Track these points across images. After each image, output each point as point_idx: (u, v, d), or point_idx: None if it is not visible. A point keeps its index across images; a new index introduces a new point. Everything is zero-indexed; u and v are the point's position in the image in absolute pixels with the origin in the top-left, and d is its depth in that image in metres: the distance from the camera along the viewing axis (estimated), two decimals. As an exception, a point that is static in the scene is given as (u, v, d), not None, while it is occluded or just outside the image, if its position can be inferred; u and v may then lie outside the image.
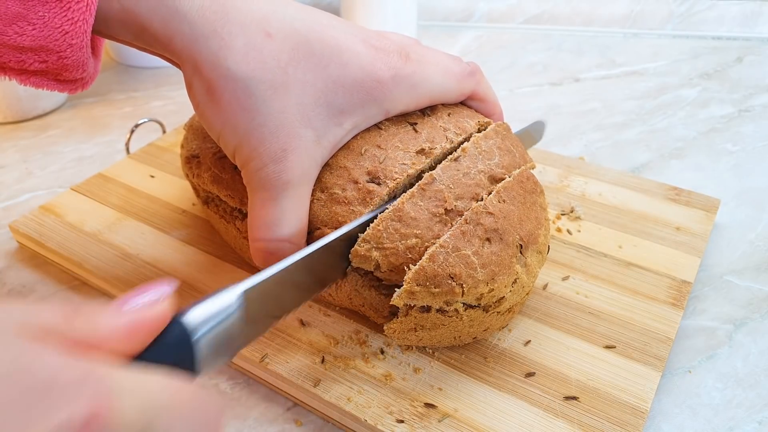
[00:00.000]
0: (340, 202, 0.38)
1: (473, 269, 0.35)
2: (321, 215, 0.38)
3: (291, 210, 0.35)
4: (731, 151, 0.65)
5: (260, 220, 0.35)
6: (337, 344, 0.41)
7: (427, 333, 0.38)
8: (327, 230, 0.38)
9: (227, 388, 0.41)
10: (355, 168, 0.39)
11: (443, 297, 0.35)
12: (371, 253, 0.36)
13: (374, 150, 0.39)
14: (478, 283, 0.35)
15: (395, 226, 0.36)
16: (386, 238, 0.36)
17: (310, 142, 0.36)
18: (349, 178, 0.38)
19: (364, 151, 0.39)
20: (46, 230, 0.51)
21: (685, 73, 0.80)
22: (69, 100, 0.78)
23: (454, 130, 0.42)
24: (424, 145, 0.40)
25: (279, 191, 0.35)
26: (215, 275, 0.46)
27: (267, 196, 0.35)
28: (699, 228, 0.50)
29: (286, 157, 0.35)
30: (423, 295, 0.35)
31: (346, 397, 0.37)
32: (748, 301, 0.47)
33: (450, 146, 0.41)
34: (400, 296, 0.35)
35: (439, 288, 0.35)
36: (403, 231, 0.36)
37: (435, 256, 0.35)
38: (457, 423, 0.36)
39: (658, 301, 0.44)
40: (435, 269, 0.35)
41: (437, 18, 0.96)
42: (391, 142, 0.40)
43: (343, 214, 0.38)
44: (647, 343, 0.41)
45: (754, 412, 0.39)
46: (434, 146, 0.40)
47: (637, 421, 0.36)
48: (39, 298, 0.48)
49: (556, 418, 0.36)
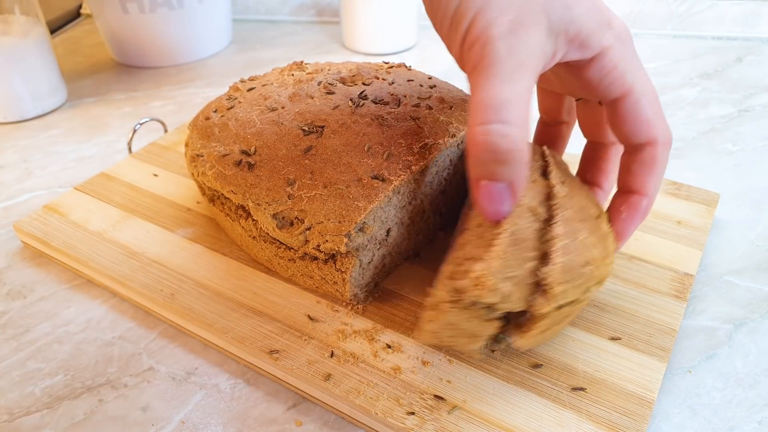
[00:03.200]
0: (343, 197, 0.39)
1: (595, 248, 0.36)
2: (324, 210, 0.39)
3: (522, 96, 0.31)
4: (731, 151, 0.65)
5: (489, 97, 0.31)
6: (345, 339, 0.41)
7: (550, 331, 0.37)
8: (330, 224, 0.38)
9: (227, 388, 0.41)
10: (359, 165, 0.39)
11: (585, 285, 0.35)
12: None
13: (378, 147, 0.40)
14: (601, 261, 0.36)
15: None
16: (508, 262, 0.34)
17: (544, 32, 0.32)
18: (354, 174, 0.39)
19: (367, 149, 0.40)
20: (50, 229, 0.51)
21: (685, 73, 0.80)
22: (69, 100, 0.78)
23: (456, 123, 0.43)
24: (426, 140, 0.41)
25: (512, 70, 0.31)
26: (222, 273, 0.47)
27: (498, 71, 0.31)
28: (700, 222, 0.51)
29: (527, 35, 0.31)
30: (570, 291, 0.34)
31: (356, 391, 0.38)
32: (748, 301, 0.47)
33: (453, 141, 0.41)
34: (548, 302, 0.34)
35: (582, 278, 0.35)
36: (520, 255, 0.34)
37: (566, 249, 0.34)
38: (466, 414, 0.36)
39: (661, 293, 0.44)
40: (571, 262, 0.34)
41: (436, 19, 0.96)
42: (394, 139, 0.40)
43: (347, 209, 0.38)
44: (652, 334, 0.41)
45: (754, 412, 0.39)
46: (437, 141, 0.41)
47: (644, 410, 0.36)
48: (39, 297, 0.48)
49: (564, 408, 0.37)
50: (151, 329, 0.46)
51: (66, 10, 1.01)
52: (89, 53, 0.93)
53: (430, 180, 0.45)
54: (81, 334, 0.45)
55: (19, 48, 0.69)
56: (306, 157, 0.41)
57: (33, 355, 0.44)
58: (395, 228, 0.43)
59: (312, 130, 0.42)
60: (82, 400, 0.41)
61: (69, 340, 0.45)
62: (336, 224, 0.39)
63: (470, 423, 0.36)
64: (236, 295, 0.45)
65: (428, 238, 0.49)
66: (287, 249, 0.43)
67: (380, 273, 0.45)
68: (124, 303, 0.48)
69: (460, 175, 0.48)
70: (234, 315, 0.43)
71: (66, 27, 1.00)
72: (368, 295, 0.44)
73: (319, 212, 0.39)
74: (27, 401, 0.41)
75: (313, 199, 0.39)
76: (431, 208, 0.47)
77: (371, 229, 0.40)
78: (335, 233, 0.39)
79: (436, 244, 0.50)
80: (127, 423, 0.39)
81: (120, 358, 0.43)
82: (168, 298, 0.44)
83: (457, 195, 0.50)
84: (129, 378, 0.42)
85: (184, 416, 0.39)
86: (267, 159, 0.42)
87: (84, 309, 0.47)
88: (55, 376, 0.42)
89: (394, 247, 0.45)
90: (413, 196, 0.44)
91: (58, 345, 0.44)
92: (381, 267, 0.45)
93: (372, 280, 0.44)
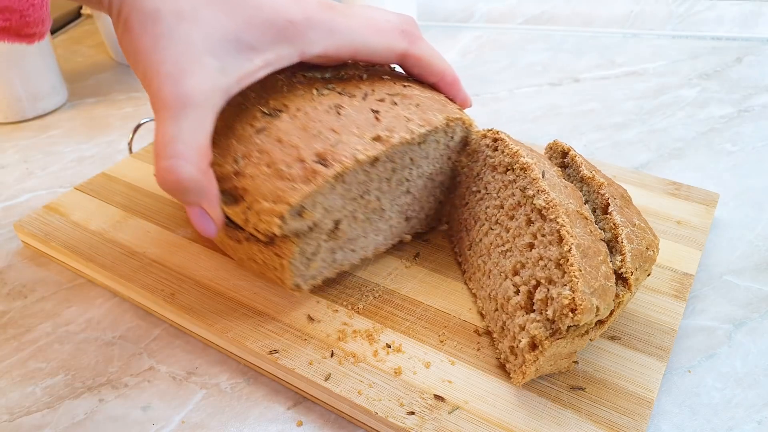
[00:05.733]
0: (283, 178, 0.38)
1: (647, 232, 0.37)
2: (263, 189, 0.38)
3: (188, 130, 0.35)
4: (730, 151, 0.66)
5: (159, 139, 0.36)
6: (345, 339, 0.41)
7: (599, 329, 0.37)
8: (266, 204, 0.38)
9: (228, 388, 0.41)
10: (305, 148, 0.38)
11: (649, 268, 0.37)
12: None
13: (329, 133, 0.39)
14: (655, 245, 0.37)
15: (586, 263, 0.35)
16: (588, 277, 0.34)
17: (212, 69, 0.36)
18: (297, 156, 0.38)
19: (318, 133, 0.39)
20: (51, 229, 0.51)
21: (685, 74, 0.80)
22: (70, 100, 0.78)
23: (418, 121, 0.41)
24: (381, 132, 0.39)
25: (178, 110, 0.35)
26: (222, 272, 0.47)
27: (167, 115, 0.36)
28: (699, 222, 0.51)
29: (184, 78, 0.36)
30: (641, 276, 0.36)
31: (357, 390, 0.38)
32: (747, 301, 0.47)
33: (410, 137, 0.40)
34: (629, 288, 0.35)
35: (648, 261, 0.36)
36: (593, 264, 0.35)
37: (629, 237, 0.36)
38: (466, 414, 0.36)
39: (660, 293, 0.44)
40: (637, 248, 0.36)
41: (437, 18, 0.96)
42: (348, 127, 0.39)
43: (284, 189, 0.37)
44: (652, 334, 0.41)
45: (754, 412, 0.39)
46: (392, 135, 0.40)
47: (644, 410, 0.36)
48: (40, 297, 0.48)
49: (564, 408, 0.37)
50: (151, 329, 0.46)
51: (67, 10, 1.01)
52: (90, 53, 0.93)
53: (387, 176, 0.43)
54: (81, 333, 0.45)
55: (19, 48, 0.69)
56: (257, 136, 0.40)
57: (33, 355, 0.44)
58: (346, 222, 0.42)
59: (270, 113, 0.41)
60: (83, 400, 0.41)
61: (69, 340, 0.45)
62: (271, 205, 0.37)
63: (470, 423, 0.36)
64: (236, 294, 0.45)
65: (393, 240, 0.48)
66: (235, 229, 0.42)
67: (331, 268, 0.44)
68: (124, 303, 0.48)
69: (432, 179, 0.47)
70: (234, 315, 0.43)
71: (67, 27, 1.00)
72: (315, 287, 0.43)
73: (258, 191, 0.38)
74: (28, 401, 0.41)
75: (255, 178, 0.38)
76: (393, 209, 0.45)
77: (311, 215, 0.39)
78: (269, 213, 0.37)
79: (436, 244, 0.50)
80: (128, 422, 0.39)
81: (120, 357, 0.43)
82: (168, 298, 0.44)
83: (429, 199, 0.48)
84: (129, 378, 0.42)
85: (185, 416, 0.39)
86: (223, 136, 0.41)
87: (84, 309, 0.47)
88: (55, 375, 0.42)
89: (348, 243, 0.44)
90: (365, 190, 0.42)
91: (59, 345, 0.44)
92: (332, 262, 0.44)
93: (319, 274, 0.43)
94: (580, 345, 0.36)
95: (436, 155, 0.45)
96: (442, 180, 0.48)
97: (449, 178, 0.48)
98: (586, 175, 0.40)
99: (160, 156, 0.35)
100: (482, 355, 0.40)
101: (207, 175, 0.37)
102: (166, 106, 0.35)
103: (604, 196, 0.38)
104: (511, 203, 0.40)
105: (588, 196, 0.40)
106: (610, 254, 0.36)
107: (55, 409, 0.40)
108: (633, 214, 0.38)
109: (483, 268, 0.43)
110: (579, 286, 0.33)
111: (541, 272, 0.36)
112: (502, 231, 0.41)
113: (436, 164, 0.46)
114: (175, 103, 0.35)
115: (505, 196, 0.41)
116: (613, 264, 0.36)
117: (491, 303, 0.41)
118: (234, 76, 0.37)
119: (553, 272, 0.35)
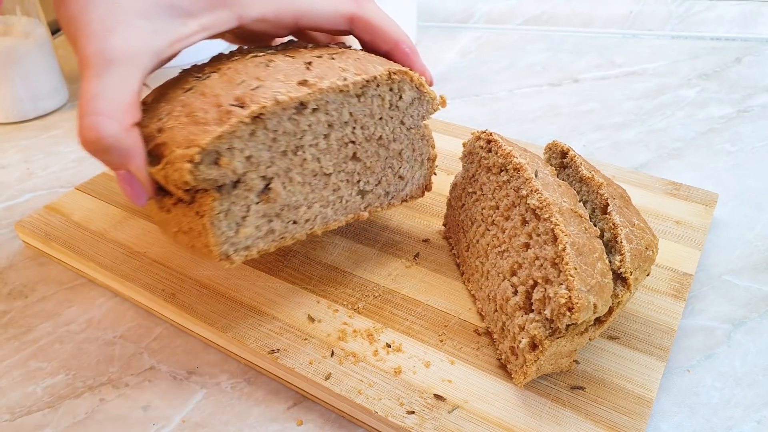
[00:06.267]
0: (198, 123, 0.36)
1: (646, 232, 0.37)
2: (177, 137, 0.36)
3: (112, 87, 0.35)
4: (730, 151, 0.66)
5: (82, 97, 0.35)
6: (345, 338, 0.41)
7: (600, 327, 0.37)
8: (178, 150, 0.35)
9: (228, 387, 0.41)
10: (225, 95, 0.37)
11: (649, 268, 0.37)
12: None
13: (252, 81, 0.37)
14: (654, 245, 0.37)
15: (581, 261, 0.35)
16: (583, 274, 0.34)
17: (141, 30, 0.36)
18: (216, 103, 0.37)
19: (241, 82, 0.37)
20: (52, 229, 0.51)
21: (684, 74, 0.81)
22: (70, 100, 0.78)
23: (354, 71, 0.39)
24: (310, 78, 0.37)
25: (102, 67, 0.35)
26: (222, 272, 0.47)
27: (91, 73, 0.35)
28: (698, 222, 0.51)
29: (110, 36, 0.35)
30: (640, 276, 0.37)
31: (357, 390, 0.38)
32: (746, 301, 0.47)
33: (342, 83, 0.38)
34: (628, 287, 0.36)
35: (647, 261, 0.36)
36: (588, 261, 0.35)
37: (628, 237, 0.36)
38: (466, 414, 0.36)
39: (660, 293, 0.45)
40: (636, 248, 0.36)
41: (437, 19, 0.97)
42: (274, 75, 0.38)
43: (197, 133, 0.35)
44: (651, 334, 0.41)
45: (753, 412, 0.40)
46: (321, 81, 0.37)
47: (643, 410, 0.37)
48: (40, 297, 0.49)
49: (563, 407, 0.37)
50: (152, 329, 0.46)
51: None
52: (90, 54, 0.93)
53: (324, 132, 0.39)
54: (82, 333, 0.45)
55: (20, 49, 0.69)
56: (184, 94, 0.39)
57: (34, 355, 0.44)
58: (279, 181, 0.39)
59: (202, 76, 0.40)
60: (84, 400, 0.41)
61: (70, 340, 0.45)
62: (183, 150, 0.35)
63: (470, 422, 0.36)
64: (237, 294, 0.45)
65: (345, 216, 0.44)
66: (163, 196, 0.40)
67: (268, 240, 0.40)
68: (125, 302, 0.48)
69: (385, 146, 0.43)
70: (234, 314, 0.43)
71: (67, 27, 1.01)
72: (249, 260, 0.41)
73: (174, 140, 0.36)
74: (28, 400, 0.41)
75: (173, 129, 0.37)
76: (340, 176, 0.42)
77: (228, 162, 0.36)
78: (181, 159, 0.35)
79: (436, 244, 0.50)
80: (128, 422, 0.39)
81: (121, 357, 0.44)
82: (169, 298, 0.44)
83: (386, 172, 0.45)
84: (130, 377, 0.42)
85: (185, 415, 0.40)
86: (155, 102, 0.41)
87: (85, 308, 0.48)
88: (56, 375, 0.42)
89: (287, 211, 0.40)
90: (298, 145, 0.39)
91: (60, 344, 0.45)
92: (268, 232, 0.40)
93: (254, 245, 0.40)
94: (580, 343, 0.36)
95: (384, 115, 0.42)
96: (399, 150, 0.44)
97: (410, 149, 0.45)
98: (585, 175, 0.40)
99: (82, 113, 0.35)
100: (482, 354, 0.40)
101: (131, 133, 0.35)
102: (90, 63, 0.35)
103: (603, 196, 0.38)
104: (506, 204, 0.40)
105: (587, 196, 0.40)
106: (609, 254, 0.36)
107: (55, 408, 0.40)
108: (632, 214, 0.38)
109: (481, 270, 0.43)
110: (575, 285, 0.33)
111: (538, 272, 0.36)
112: (498, 232, 0.41)
113: (386, 127, 0.42)
114: (100, 60, 0.35)
115: (500, 197, 0.41)
116: (613, 264, 0.36)
117: (490, 304, 0.41)
118: (166, 40, 0.37)
119: (549, 271, 0.35)
